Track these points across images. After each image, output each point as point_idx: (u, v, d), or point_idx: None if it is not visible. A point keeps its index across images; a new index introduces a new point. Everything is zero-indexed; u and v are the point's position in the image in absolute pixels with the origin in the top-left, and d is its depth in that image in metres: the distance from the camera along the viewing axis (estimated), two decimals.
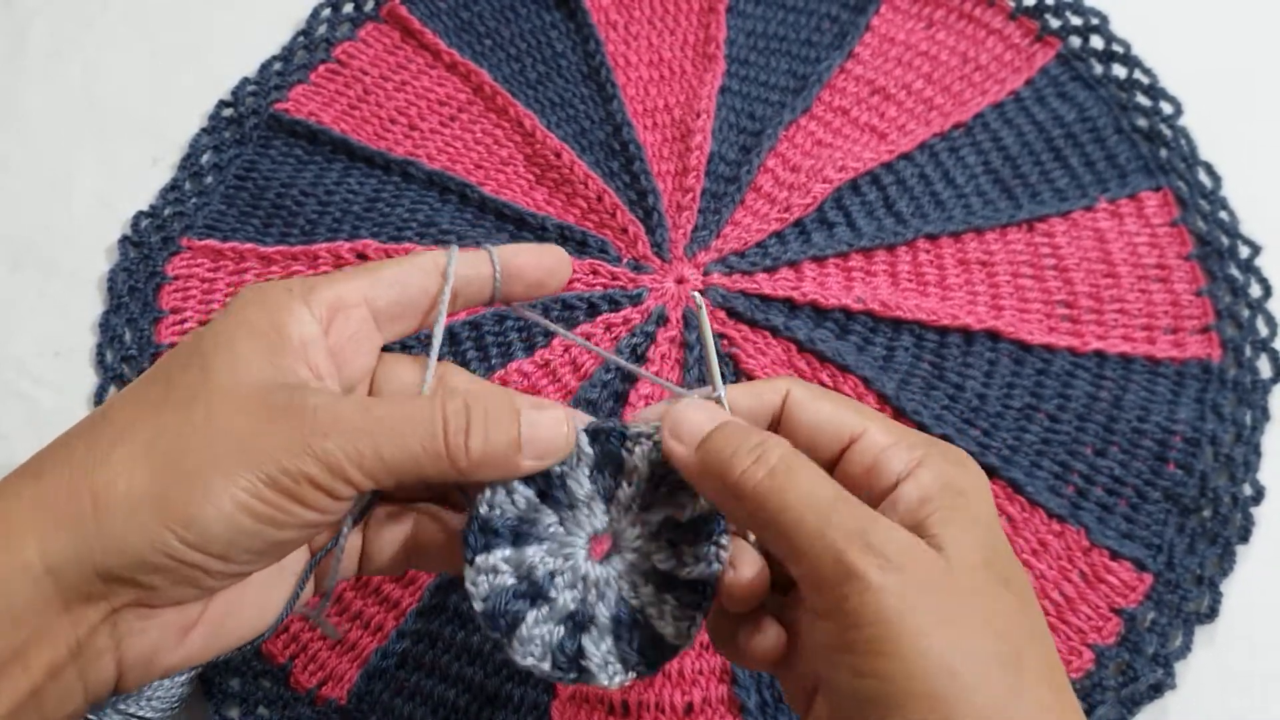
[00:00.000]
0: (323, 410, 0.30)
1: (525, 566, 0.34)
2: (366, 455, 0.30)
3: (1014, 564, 0.32)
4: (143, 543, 0.28)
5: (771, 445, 0.32)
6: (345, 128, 0.65)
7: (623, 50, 0.68)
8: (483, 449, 0.32)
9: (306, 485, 0.30)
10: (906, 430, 0.34)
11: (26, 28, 0.70)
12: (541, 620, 0.33)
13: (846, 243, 0.60)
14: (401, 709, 0.51)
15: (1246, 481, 0.55)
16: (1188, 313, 0.59)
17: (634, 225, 0.61)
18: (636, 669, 0.33)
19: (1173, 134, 0.64)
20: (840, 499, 0.30)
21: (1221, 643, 0.52)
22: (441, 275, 0.36)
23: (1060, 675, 0.30)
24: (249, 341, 0.32)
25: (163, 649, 0.31)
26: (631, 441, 0.34)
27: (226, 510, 0.29)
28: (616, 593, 0.34)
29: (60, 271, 0.63)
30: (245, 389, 0.31)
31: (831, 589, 0.29)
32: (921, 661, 0.27)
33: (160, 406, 0.31)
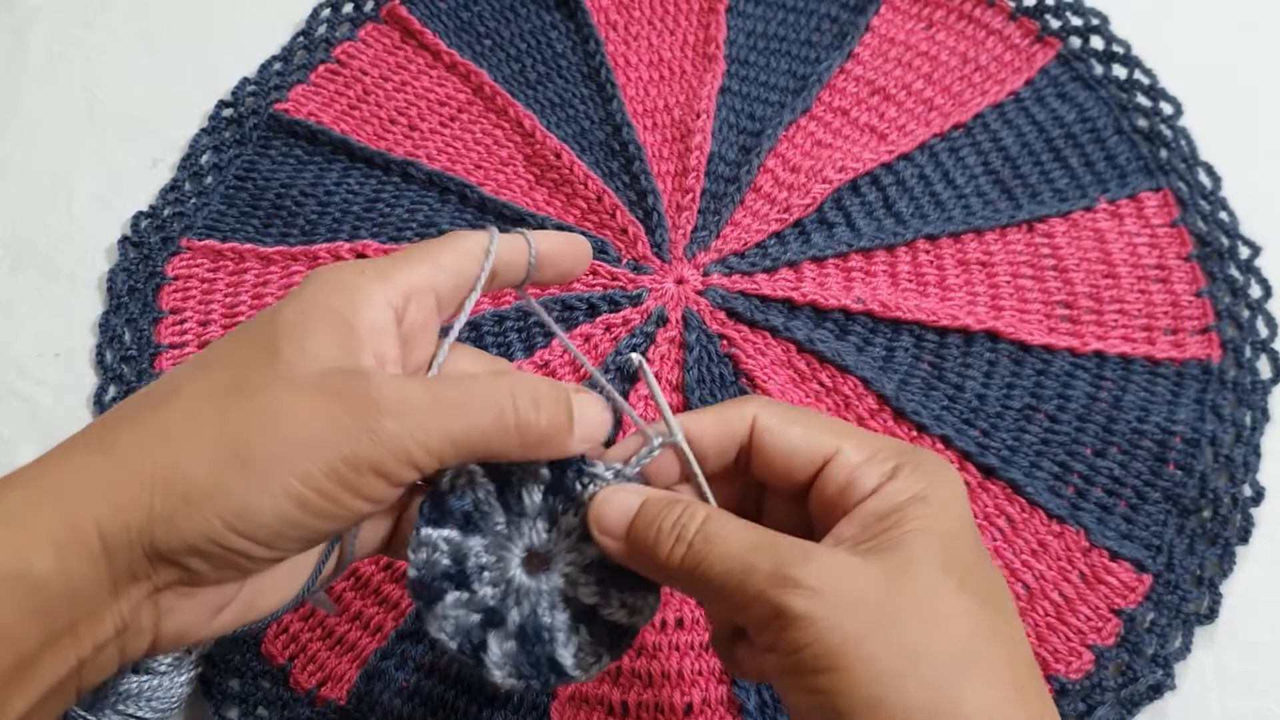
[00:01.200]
0: (390, 391, 0.30)
1: (461, 553, 0.35)
2: (434, 435, 0.30)
3: (981, 569, 0.32)
4: (195, 531, 0.29)
5: (688, 517, 0.32)
6: (345, 128, 0.65)
7: (623, 50, 0.68)
8: (550, 424, 0.32)
9: (368, 474, 0.30)
10: (883, 443, 0.34)
11: (26, 28, 0.70)
12: (459, 604, 0.34)
13: (846, 243, 0.60)
14: (401, 709, 0.51)
15: (1246, 482, 0.55)
16: (1187, 313, 0.59)
17: (634, 226, 0.61)
18: (528, 680, 0.34)
19: (1173, 134, 0.64)
20: (758, 546, 0.31)
21: (1221, 644, 0.52)
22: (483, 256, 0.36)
23: (1026, 678, 0.30)
24: (320, 326, 0.32)
25: (197, 625, 0.32)
26: (586, 478, 0.35)
27: (280, 503, 0.29)
28: (532, 606, 0.35)
29: (60, 272, 0.63)
30: (312, 376, 0.30)
31: (768, 627, 0.30)
32: (862, 669, 0.28)
33: (227, 394, 0.30)
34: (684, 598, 0.52)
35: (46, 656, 0.29)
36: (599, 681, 0.50)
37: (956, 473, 0.34)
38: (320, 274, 0.34)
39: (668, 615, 0.51)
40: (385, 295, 0.33)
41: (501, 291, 0.59)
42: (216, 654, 0.52)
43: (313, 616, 0.53)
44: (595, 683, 0.50)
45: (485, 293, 0.37)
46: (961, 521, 0.32)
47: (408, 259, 0.35)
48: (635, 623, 0.35)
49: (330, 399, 0.30)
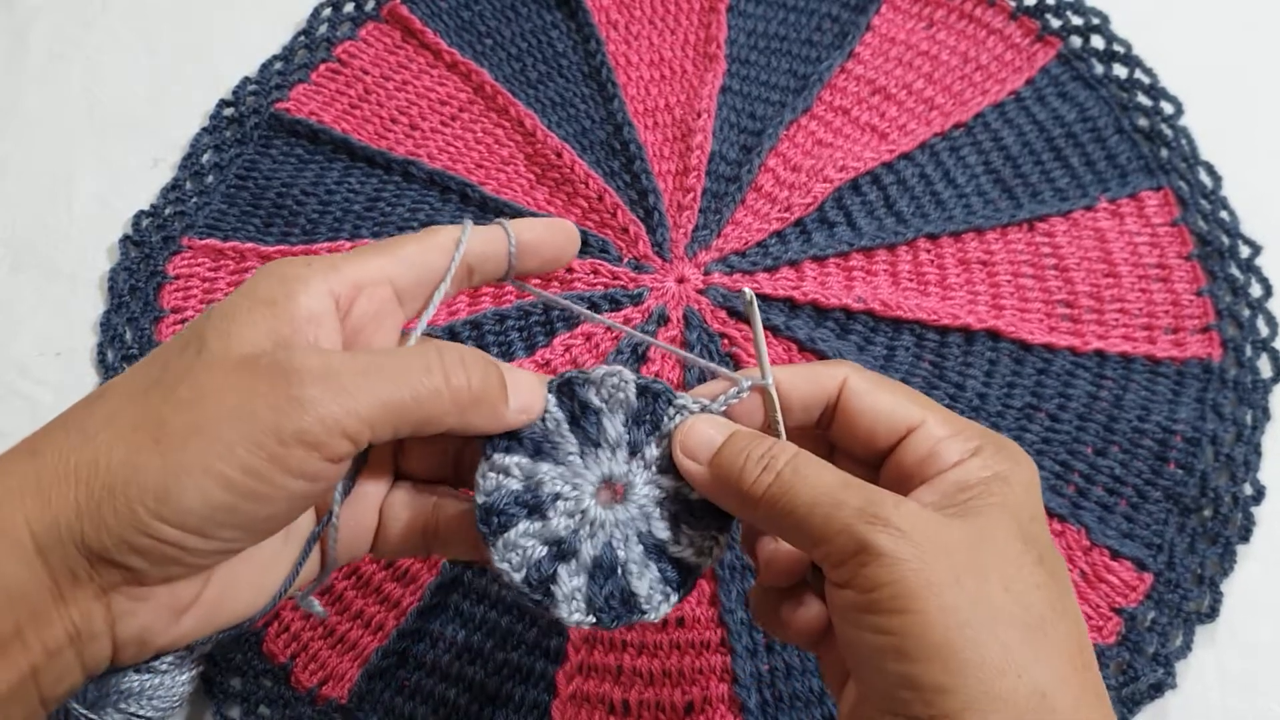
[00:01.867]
0: (311, 360, 0.29)
1: (535, 480, 0.34)
2: (362, 400, 0.29)
3: (1052, 552, 0.32)
4: (118, 521, 0.28)
5: (779, 451, 0.32)
6: (346, 127, 0.65)
7: (623, 50, 0.68)
8: (481, 385, 0.32)
9: (295, 445, 0.28)
10: (965, 423, 0.34)
11: (26, 28, 0.70)
12: (529, 534, 0.34)
13: (847, 242, 0.60)
14: (402, 708, 0.51)
15: (1247, 481, 0.55)
16: (1188, 312, 0.59)
17: (635, 225, 0.61)
18: (598, 615, 0.34)
19: (1173, 134, 0.64)
20: (847, 484, 0.31)
21: (1222, 642, 0.52)
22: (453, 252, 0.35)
23: (1089, 657, 0.30)
24: (249, 313, 0.31)
25: (156, 628, 0.31)
26: (675, 409, 0.35)
27: (202, 482, 0.28)
28: (607, 539, 0.34)
29: (61, 271, 0.63)
30: (235, 359, 0.30)
31: (847, 562, 0.30)
32: (939, 617, 0.28)
33: (151, 388, 0.30)
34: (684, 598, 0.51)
35: None
36: (600, 679, 0.50)
37: (1034, 465, 0.34)
38: (264, 268, 0.33)
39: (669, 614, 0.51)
40: (328, 285, 0.32)
41: (502, 288, 0.59)
42: (218, 653, 0.52)
43: (313, 615, 0.53)
44: (596, 681, 0.50)
45: (467, 289, 0.36)
46: (1037, 506, 0.33)
47: (364, 252, 0.34)
48: (702, 563, 0.35)
49: (250, 373, 0.29)
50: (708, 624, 0.51)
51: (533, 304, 0.58)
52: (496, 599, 0.52)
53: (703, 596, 0.52)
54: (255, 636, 0.52)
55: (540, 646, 0.51)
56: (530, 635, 0.51)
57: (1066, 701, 0.28)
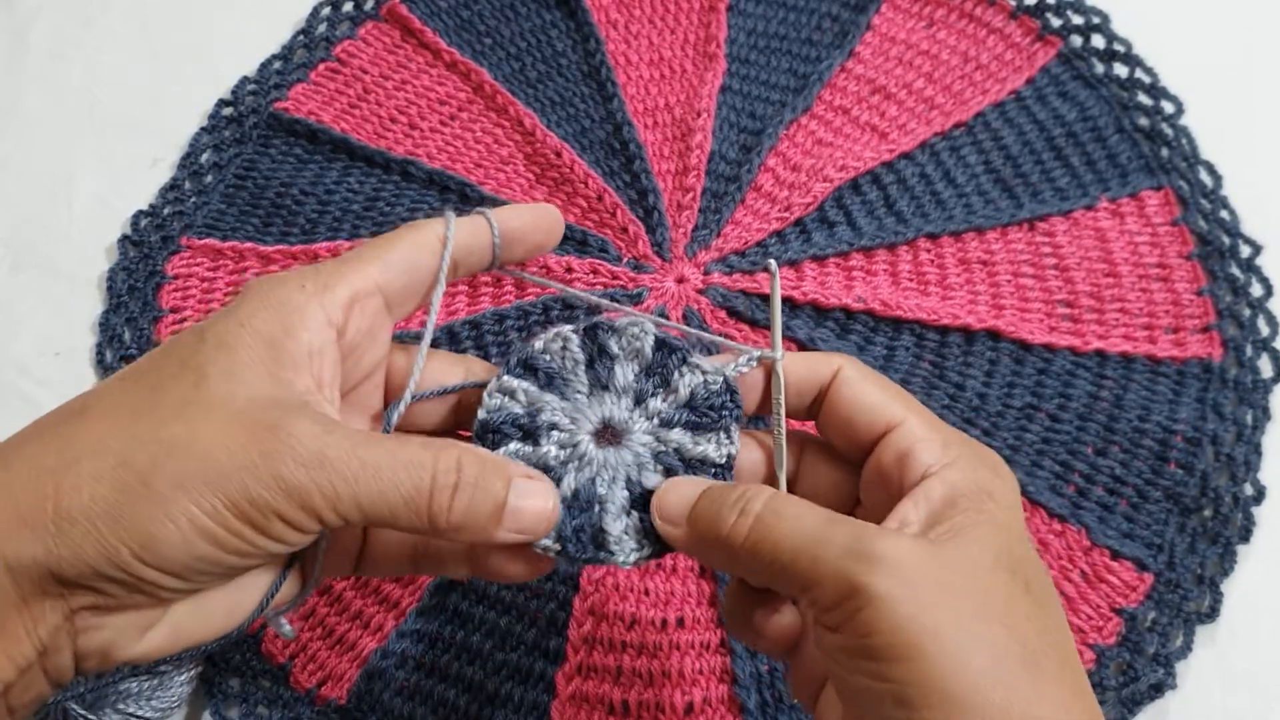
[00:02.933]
0: (307, 440, 0.29)
1: (536, 405, 0.35)
2: (343, 497, 0.29)
3: (1037, 571, 0.31)
4: (98, 556, 0.28)
5: (753, 495, 0.32)
6: (345, 127, 0.65)
7: (623, 49, 0.68)
8: (464, 516, 0.31)
9: (273, 518, 0.29)
10: (946, 428, 0.34)
11: (26, 28, 0.70)
12: (517, 455, 0.35)
13: (847, 242, 0.60)
14: (401, 709, 0.51)
15: (1247, 481, 0.54)
16: (1189, 312, 0.59)
17: (634, 225, 0.61)
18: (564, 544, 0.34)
19: (1174, 133, 0.64)
20: (830, 521, 0.30)
21: (1222, 642, 0.52)
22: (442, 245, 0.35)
23: (1081, 679, 0.30)
24: (251, 350, 0.30)
25: (120, 644, 0.30)
26: (689, 369, 0.35)
27: (186, 534, 0.28)
28: (592, 475, 0.35)
29: (60, 271, 0.63)
30: (235, 405, 0.29)
31: (840, 607, 0.29)
32: (941, 661, 0.27)
33: (140, 415, 0.29)
34: (685, 598, 0.51)
35: None
36: (599, 680, 0.50)
37: (1013, 475, 0.33)
38: (258, 289, 0.32)
39: (668, 615, 0.51)
40: (325, 313, 0.32)
41: (501, 289, 0.59)
42: (217, 653, 0.52)
43: (313, 616, 0.53)
44: (596, 681, 0.50)
45: (453, 280, 0.36)
46: (1019, 522, 0.32)
47: (353, 261, 0.34)
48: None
49: (245, 434, 0.29)
50: (707, 625, 0.51)
51: (531, 304, 0.58)
52: (495, 600, 0.52)
53: (702, 597, 0.52)
54: (254, 637, 0.52)
55: (539, 647, 0.51)
56: (529, 636, 0.51)
57: None
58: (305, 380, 0.31)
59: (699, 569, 0.52)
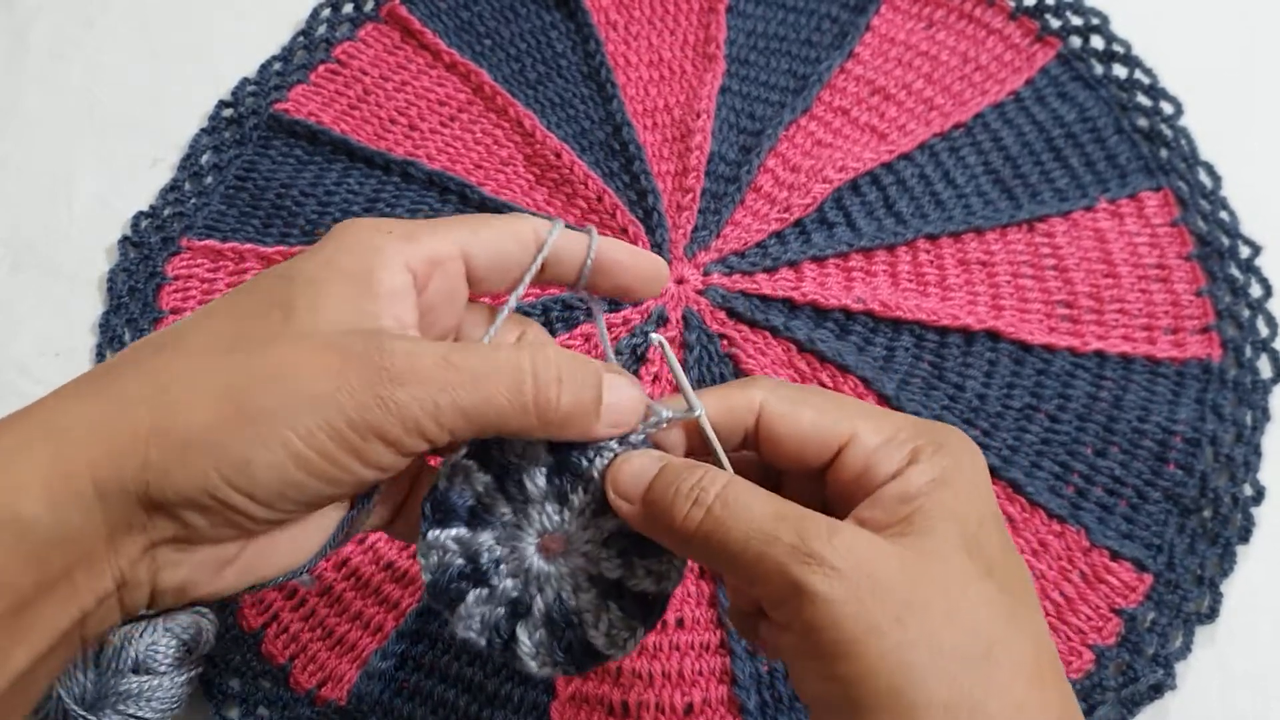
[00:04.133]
0: (400, 357, 0.29)
1: (473, 549, 0.34)
2: (444, 407, 0.29)
3: (1005, 555, 0.31)
4: (190, 483, 0.28)
5: (708, 481, 0.31)
6: (345, 128, 0.65)
7: (623, 50, 0.68)
8: (571, 408, 0.31)
9: (374, 440, 0.29)
10: (901, 423, 0.33)
11: (26, 28, 0.70)
12: (480, 601, 0.34)
13: (846, 243, 0.60)
14: (401, 709, 0.51)
15: (1247, 482, 0.54)
16: (1188, 313, 0.59)
17: (634, 225, 0.61)
18: (563, 666, 0.34)
19: (1173, 134, 0.64)
20: (780, 517, 0.30)
21: (1222, 643, 0.52)
22: (537, 247, 0.35)
23: (1048, 669, 0.29)
24: (335, 285, 0.31)
25: (196, 582, 0.31)
26: (592, 452, 0.34)
27: (280, 459, 0.28)
28: (555, 591, 0.34)
29: (60, 272, 0.63)
30: (323, 333, 0.29)
31: (785, 605, 0.29)
32: (879, 661, 0.27)
33: (233, 346, 0.29)
34: (684, 599, 0.51)
35: (46, 605, 0.28)
36: (599, 680, 0.50)
37: (979, 450, 0.32)
38: (343, 230, 0.32)
39: (668, 615, 0.51)
40: (405, 258, 0.32)
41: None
42: (217, 654, 0.52)
43: (313, 616, 0.53)
44: (596, 682, 0.50)
45: (537, 283, 0.36)
46: (985, 504, 0.31)
47: (441, 225, 0.34)
48: (664, 589, 0.34)
49: (340, 359, 0.29)
50: (707, 626, 0.51)
51: (531, 305, 0.58)
52: None
53: (702, 598, 0.52)
54: (254, 638, 0.52)
55: None
56: None
57: None
58: (388, 318, 0.31)
59: (699, 570, 0.52)
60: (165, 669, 0.48)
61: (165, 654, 0.48)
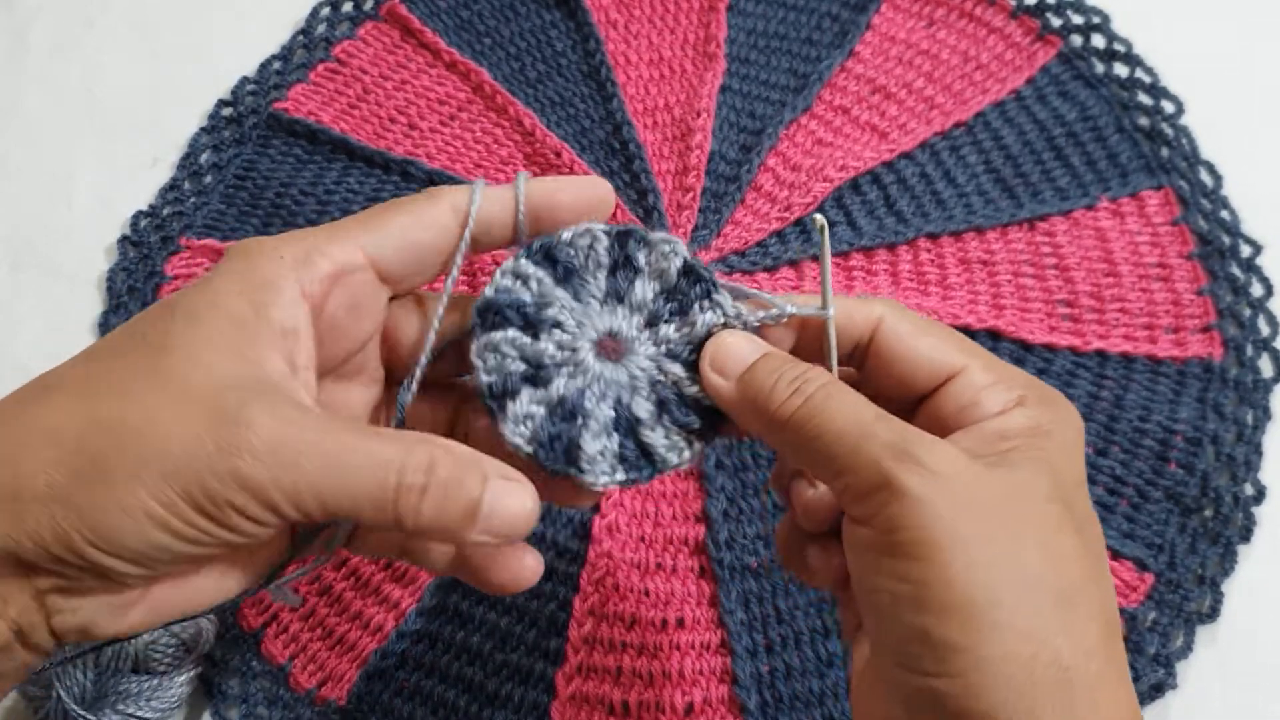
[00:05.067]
0: (264, 430, 0.28)
1: (545, 300, 0.33)
2: (303, 493, 0.28)
3: (1090, 517, 0.30)
4: (53, 540, 0.27)
5: (813, 375, 0.31)
6: (345, 127, 0.65)
7: (623, 49, 0.68)
8: (434, 518, 0.29)
9: (229, 511, 0.28)
10: (1010, 370, 0.32)
11: (26, 28, 0.70)
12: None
13: (847, 242, 0.60)
14: (401, 709, 0.51)
15: (1248, 481, 0.54)
16: (1189, 312, 0.59)
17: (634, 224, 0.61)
18: (536, 447, 0.32)
19: (1174, 133, 0.63)
20: (881, 417, 0.29)
21: (1223, 643, 0.52)
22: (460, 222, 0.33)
23: (1116, 628, 0.29)
24: (220, 326, 0.29)
25: (99, 622, 0.30)
26: (711, 305, 0.33)
27: (140, 524, 0.27)
28: (582, 386, 0.33)
29: (60, 271, 0.63)
30: (195, 387, 0.28)
31: (870, 498, 0.28)
32: (963, 572, 0.26)
33: (102, 393, 0.28)
34: (685, 598, 0.51)
35: None
36: (599, 680, 0.50)
37: (1081, 421, 0.32)
38: (235, 256, 0.30)
39: (668, 615, 0.51)
40: (301, 286, 0.30)
41: None
42: (217, 654, 0.52)
43: (313, 616, 0.53)
44: (596, 682, 0.50)
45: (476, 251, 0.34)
46: (1077, 467, 0.31)
47: (344, 229, 0.32)
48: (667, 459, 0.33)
49: (203, 420, 0.27)
50: (708, 625, 0.51)
51: None
52: (496, 600, 0.52)
53: (702, 598, 0.52)
54: (254, 637, 0.52)
55: (540, 648, 0.51)
56: (530, 636, 0.51)
57: (1087, 676, 0.27)
58: (275, 361, 0.29)
59: (699, 570, 0.52)
60: (164, 669, 0.48)
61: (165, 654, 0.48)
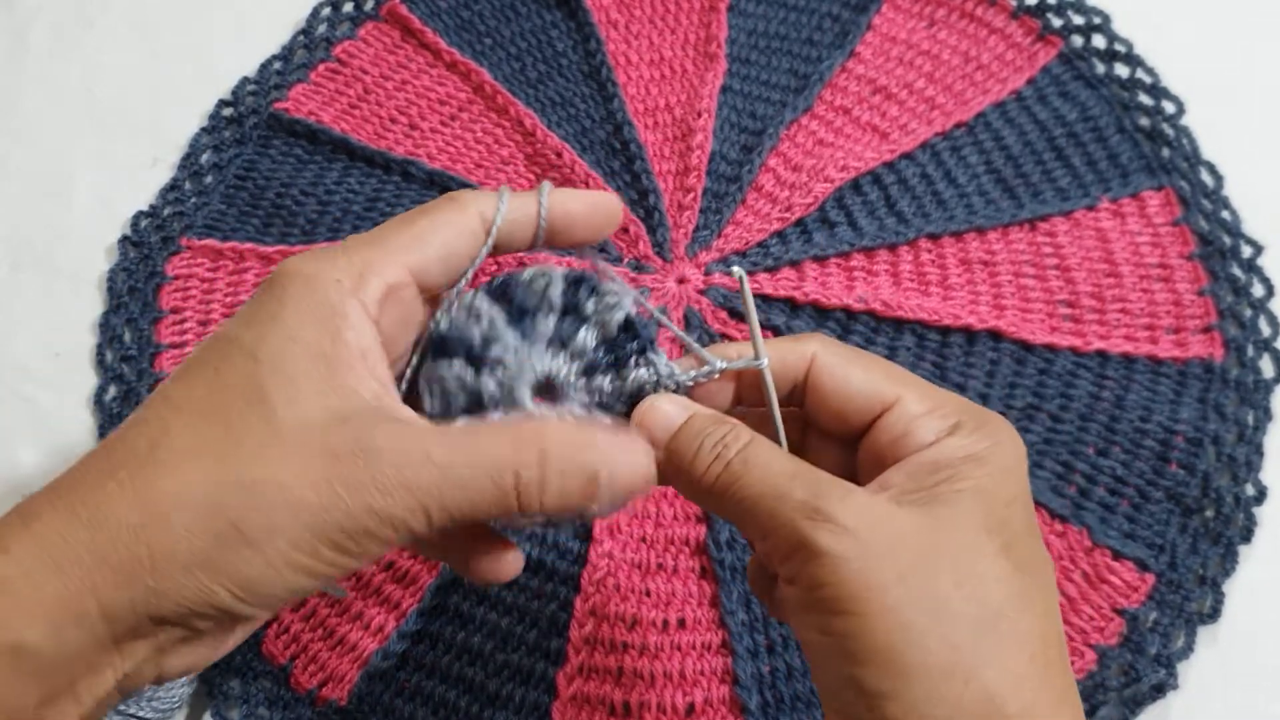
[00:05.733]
0: (387, 465, 0.29)
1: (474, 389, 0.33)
2: (432, 510, 0.29)
3: (1027, 536, 0.30)
4: (197, 600, 0.28)
5: (732, 438, 0.31)
6: (345, 127, 0.65)
7: (624, 49, 0.68)
8: (558, 504, 0.31)
9: (365, 539, 0.29)
10: (945, 397, 0.32)
11: (26, 28, 0.70)
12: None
13: (848, 242, 0.60)
14: (402, 710, 0.51)
15: (1249, 481, 0.54)
16: (1190, 312, 0.59)
17: (635, 225, 0.61)
18: None
19: (1175, 133, 0.63)
20: (796, 476, 0.30)
21: (1224, 643, 0.52)
22: (485, 229, 0.34)
23: (1054, 650, 0.29)
24: (305, 367, 0.30)
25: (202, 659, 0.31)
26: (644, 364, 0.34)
27: (283, 573, 0.29)
28: None
29: (60, 271, 0.63)
30: (310, 435, 0.29)
31: (791, 560, 0.29)
32: (882, 619, 0.27)
33: (221, 458, 0.29)
34: (685, 599, 0.51)
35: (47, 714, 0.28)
36: (600, 680, 0.50)
37: (1020, 440, 0.32)
38: (291, 285, 0.31)
39: (669, 616, 0.51)
40: (363, 308, 0.31)
41: None
42: None
43: (314, 617, 0.53)
44: (597, 682, 0.50)
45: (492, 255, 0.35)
46: (1016, 487, 0.31)
47: (386, 246, 0.33)
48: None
49: (327, 466, 0.29)
50: (709, 626, 0.51)
51: None
52: (496, 601, 0.52)
53: (703, 598, 0.52)
54: (254, 638, 0.52)
55: (540, 648, 0.51)
56: (530, 637, 0.51)
57: (1019, 704, 0.27)
58: (367, 383, 0.31)
59: (700, 570, 0.52)
60: None
61: None
